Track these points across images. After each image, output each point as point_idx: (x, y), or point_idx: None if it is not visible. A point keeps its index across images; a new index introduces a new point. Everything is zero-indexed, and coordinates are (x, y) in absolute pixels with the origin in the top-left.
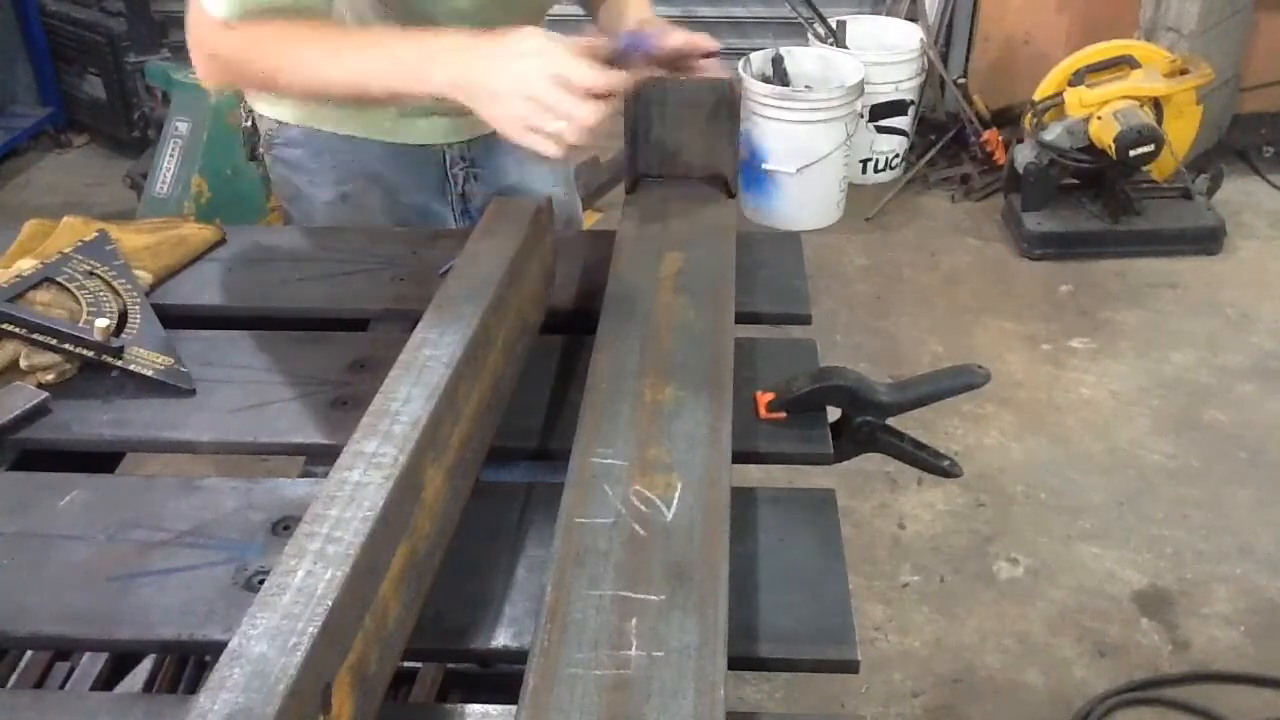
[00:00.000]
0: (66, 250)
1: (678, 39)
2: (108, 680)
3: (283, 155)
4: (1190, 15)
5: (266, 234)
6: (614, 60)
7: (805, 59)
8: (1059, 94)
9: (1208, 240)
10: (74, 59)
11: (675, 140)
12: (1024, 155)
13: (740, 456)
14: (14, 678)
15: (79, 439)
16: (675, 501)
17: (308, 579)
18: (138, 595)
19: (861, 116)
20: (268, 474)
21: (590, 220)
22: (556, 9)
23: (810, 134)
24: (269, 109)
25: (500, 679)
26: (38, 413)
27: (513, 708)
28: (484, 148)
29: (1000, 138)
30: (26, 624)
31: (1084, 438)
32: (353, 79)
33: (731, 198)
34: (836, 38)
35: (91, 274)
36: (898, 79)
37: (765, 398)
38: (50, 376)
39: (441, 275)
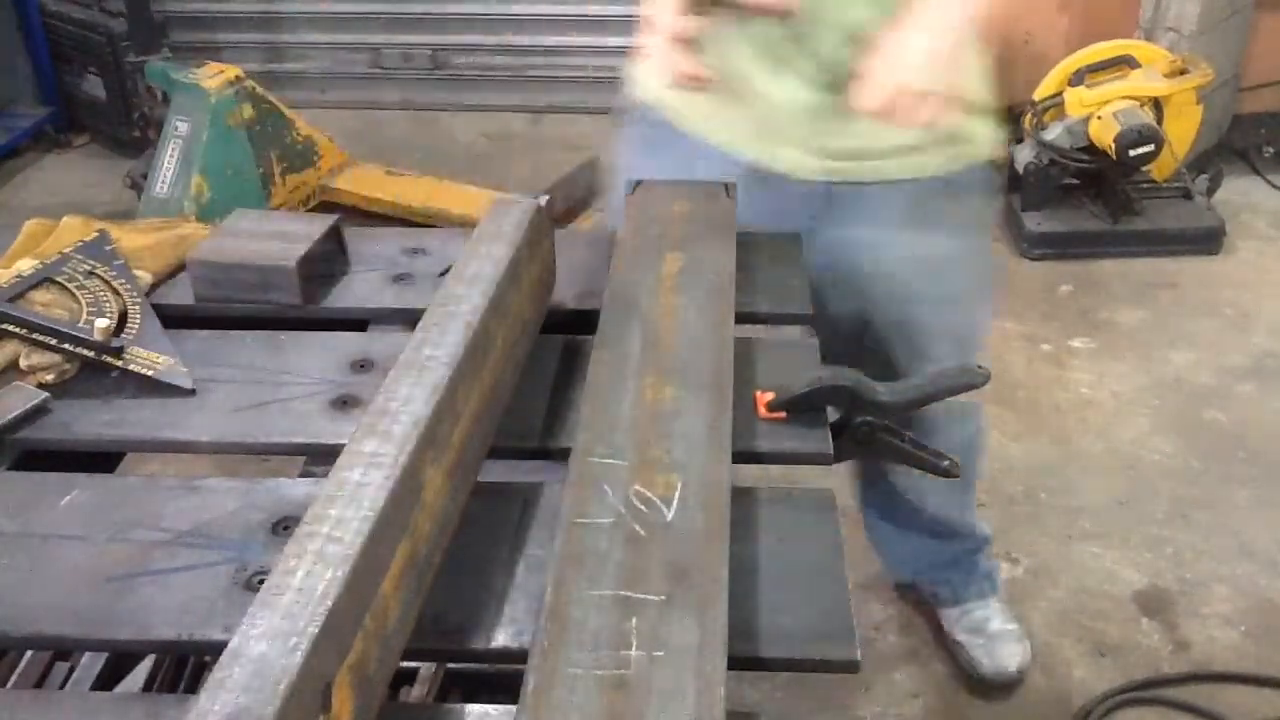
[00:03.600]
0: (66, 250)
1: None
2: (108, 680)
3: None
4: (1190, 15)
5: None
6: None
7: None
8: (1059, 94)
9: (1208, 240)
10: (74, 59)
11: None
12: (1024, 155)
13: (740, 456)
14: (14, 678)
15: (79, 439)
16: (675, 501)
17: (308, 579)
18: (138, 595)
19: None
20: (268, 474)
21: (588, 220)
22: None
23: None
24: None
25: (500, 679)
26: (38, 413)
27: (513, 708)
28: (841, 195)
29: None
30: (26, 624)
31: (1084, 438)
32: None
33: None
34: None
35: (91, 274)
36: None
37: (765, 398)
38: (50, 376)
39: (441, 275)
